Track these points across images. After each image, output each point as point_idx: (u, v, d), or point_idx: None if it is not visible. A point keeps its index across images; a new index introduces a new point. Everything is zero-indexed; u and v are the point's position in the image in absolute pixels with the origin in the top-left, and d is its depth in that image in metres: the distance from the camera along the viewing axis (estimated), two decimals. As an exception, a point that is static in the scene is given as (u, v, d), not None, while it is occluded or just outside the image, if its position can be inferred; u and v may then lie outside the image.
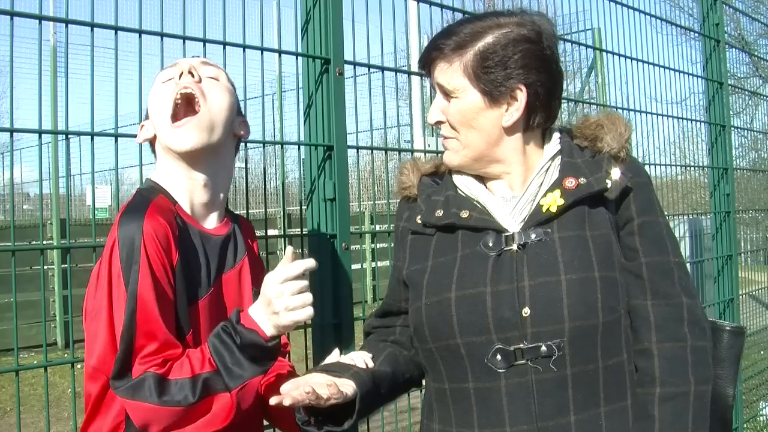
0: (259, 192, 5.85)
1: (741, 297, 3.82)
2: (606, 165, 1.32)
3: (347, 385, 1.26)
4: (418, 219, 1.40)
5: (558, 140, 1.37)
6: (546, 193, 1.31)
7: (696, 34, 3.72)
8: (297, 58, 1.95)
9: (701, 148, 3.86)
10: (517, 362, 1.25)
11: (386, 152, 2.52)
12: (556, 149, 1.35)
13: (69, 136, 1.98)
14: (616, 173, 1.31)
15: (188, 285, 1.35)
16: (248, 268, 1.49)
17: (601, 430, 1.26)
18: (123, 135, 1.71)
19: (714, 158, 3.61)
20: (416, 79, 4.56)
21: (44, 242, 6.43)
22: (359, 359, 1.37)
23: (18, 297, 2.13)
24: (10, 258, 1.58)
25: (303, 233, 1.97)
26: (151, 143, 1.49)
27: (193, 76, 1.41)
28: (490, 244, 1.29)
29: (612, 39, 3.04)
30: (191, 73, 1.41)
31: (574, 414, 1.25)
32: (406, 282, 1.40)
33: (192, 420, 1.27)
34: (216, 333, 1.32)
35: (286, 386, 1.21)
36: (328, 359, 1.38)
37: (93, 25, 1.63)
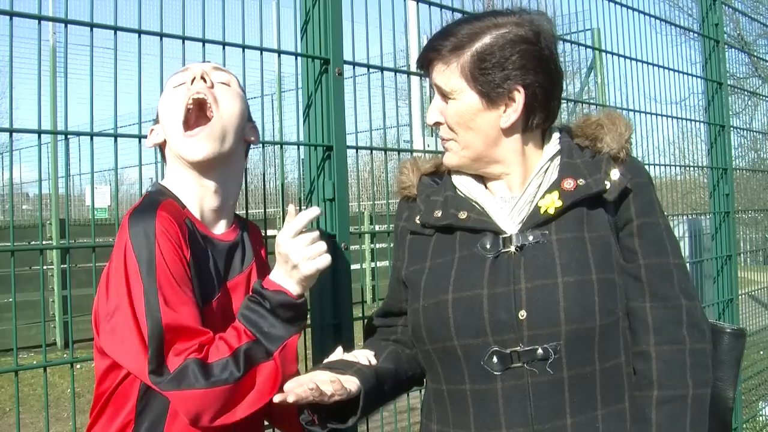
0: (259, 192, 5.84)
1: (740, 297, 3.82)
2: (605, 166, 1.31)
3: (351, 382, 1.26)
4: (417, 219, 1.39)
5: (558, 140, 1.36)
6: (544, 195, 1.30)
7: (695, 35, 3.72)
8: (296, 59, 1.94)
9: (701, 149, 3.86)
10: (514, 365, 1.24)
11: (386, 152, 2.52)
12: (556, 149, 1.34)
13: (68, 137, 1.97)
14: (615, 174, 1.30)
15: (200, 286, 1.35)
16: (256, 274, 1.49)
17: None
18: (122, 135, 1.70)
19: (713, 158, 3.60)
20: (416, 80, 4.56)
21: (43, 242, 6.45)
22: (362, 356, 1.36)
23: (17, 297, 2.13)
24: (10, 258, 1.57)
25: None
26: (161, 148, 1.48)
27: (206, 82, 1.41)
28: (488, 246, 1.29)
29: (611, 39, 3.03)
30: (203, 79, 1.41)
31: (571, 417, 1.24)
32: (405, 282, 1.40)
33: (240, 398, 1.27)
34: (244, 305, 1.34)
35: (290, 384, 1.21)
36: (331, 357, 1.38)
37: (92, 26, 1.62)
